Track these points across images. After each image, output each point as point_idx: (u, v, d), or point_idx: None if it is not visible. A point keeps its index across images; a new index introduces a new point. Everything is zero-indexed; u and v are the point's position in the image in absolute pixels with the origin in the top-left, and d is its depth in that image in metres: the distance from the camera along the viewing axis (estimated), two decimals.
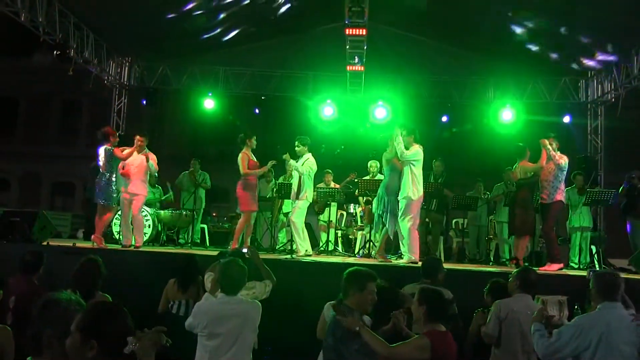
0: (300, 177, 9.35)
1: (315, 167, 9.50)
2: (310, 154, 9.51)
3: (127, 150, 9.49)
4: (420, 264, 7.20)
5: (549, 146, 8.74)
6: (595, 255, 10.38)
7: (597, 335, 3.97)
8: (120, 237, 9.74)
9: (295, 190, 9.39)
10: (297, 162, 9.37)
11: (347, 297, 4.28)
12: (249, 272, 5.65)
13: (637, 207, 10.05)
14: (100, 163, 9.37)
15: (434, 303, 4.21)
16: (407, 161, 8.64)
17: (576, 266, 10.03)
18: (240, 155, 9.44)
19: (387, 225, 8.85)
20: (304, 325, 5.57)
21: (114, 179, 9.42)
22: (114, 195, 9.42)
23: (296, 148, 9.52)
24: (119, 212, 9.78)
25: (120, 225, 9.84)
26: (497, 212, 11.30)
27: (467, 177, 13.01)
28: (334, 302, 4.70)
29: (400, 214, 8.67)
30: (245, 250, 6.18)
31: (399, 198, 8.72)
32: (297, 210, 9.39)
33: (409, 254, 8.57)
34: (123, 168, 9.41)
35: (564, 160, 8.79)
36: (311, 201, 9.68)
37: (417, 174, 8.69)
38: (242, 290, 5.32)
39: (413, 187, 8.62)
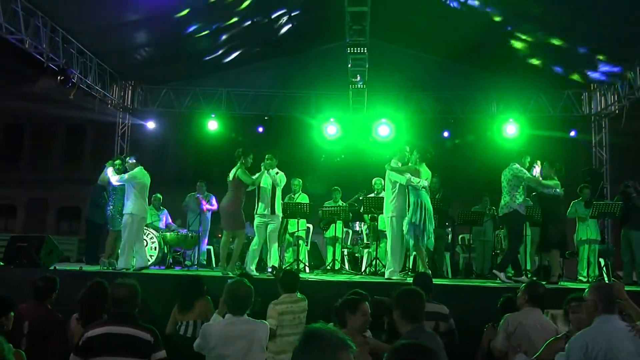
0: None
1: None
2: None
3: None
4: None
5: None
6: (604, 268, 10.30)
7: (602, 350, 3.77)
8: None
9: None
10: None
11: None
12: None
13: (631, 217, 9.85)
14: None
15: None
16: None
17: (585, 279, 9.94)
18: None
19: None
20: None
21: None
22: None
23: (267, 162, 9.39)
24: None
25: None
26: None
27: (472, 192, 12.95)
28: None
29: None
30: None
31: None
32: None
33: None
34: None
35: None
36: None
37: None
38: None
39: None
